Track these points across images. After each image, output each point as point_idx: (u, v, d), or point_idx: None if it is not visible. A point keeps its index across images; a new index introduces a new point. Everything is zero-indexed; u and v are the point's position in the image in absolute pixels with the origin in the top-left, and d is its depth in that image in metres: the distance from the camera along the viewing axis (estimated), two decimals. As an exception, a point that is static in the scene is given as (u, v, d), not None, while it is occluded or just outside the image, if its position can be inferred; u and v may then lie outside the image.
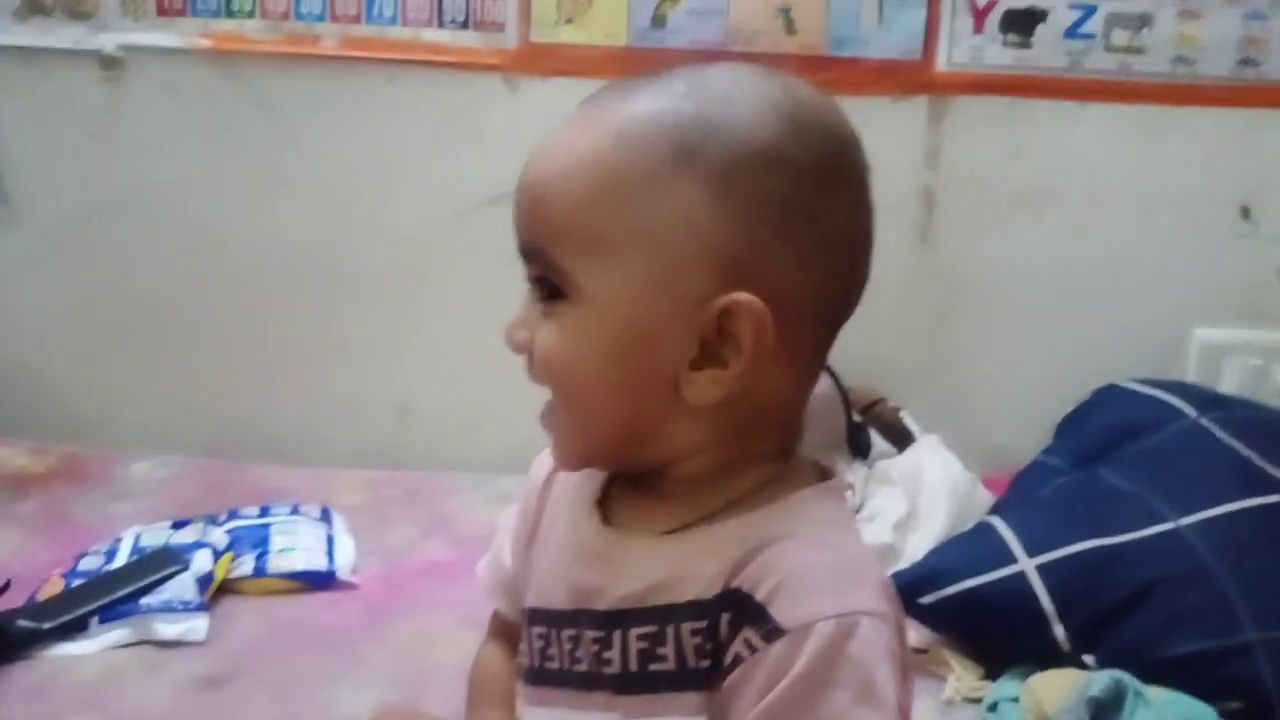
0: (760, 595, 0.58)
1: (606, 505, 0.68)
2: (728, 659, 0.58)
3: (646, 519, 0.65)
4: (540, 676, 0.69)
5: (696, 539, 0.62)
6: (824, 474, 0.66)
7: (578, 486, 0.70)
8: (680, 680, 0.60)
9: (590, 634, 0.64)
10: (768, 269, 0.59)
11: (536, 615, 0.70)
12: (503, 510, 0.82)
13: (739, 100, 0.61)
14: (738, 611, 0.58)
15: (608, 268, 0.59)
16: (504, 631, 0.81)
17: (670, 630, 0.61)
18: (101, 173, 1.74)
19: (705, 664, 0.60)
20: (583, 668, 0.65)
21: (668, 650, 0.61)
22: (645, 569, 0.62)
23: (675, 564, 0.61)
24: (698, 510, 0.63)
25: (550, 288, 0.62)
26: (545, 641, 0.68)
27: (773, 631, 0.56)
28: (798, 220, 0.60)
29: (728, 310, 0.59)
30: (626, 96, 0.61)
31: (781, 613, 0.56)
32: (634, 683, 0.62)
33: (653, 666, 0.61)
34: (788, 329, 0.60)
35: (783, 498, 0.62)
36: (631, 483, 0.68)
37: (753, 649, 0.57)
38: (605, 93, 0.63)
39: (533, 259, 0.62)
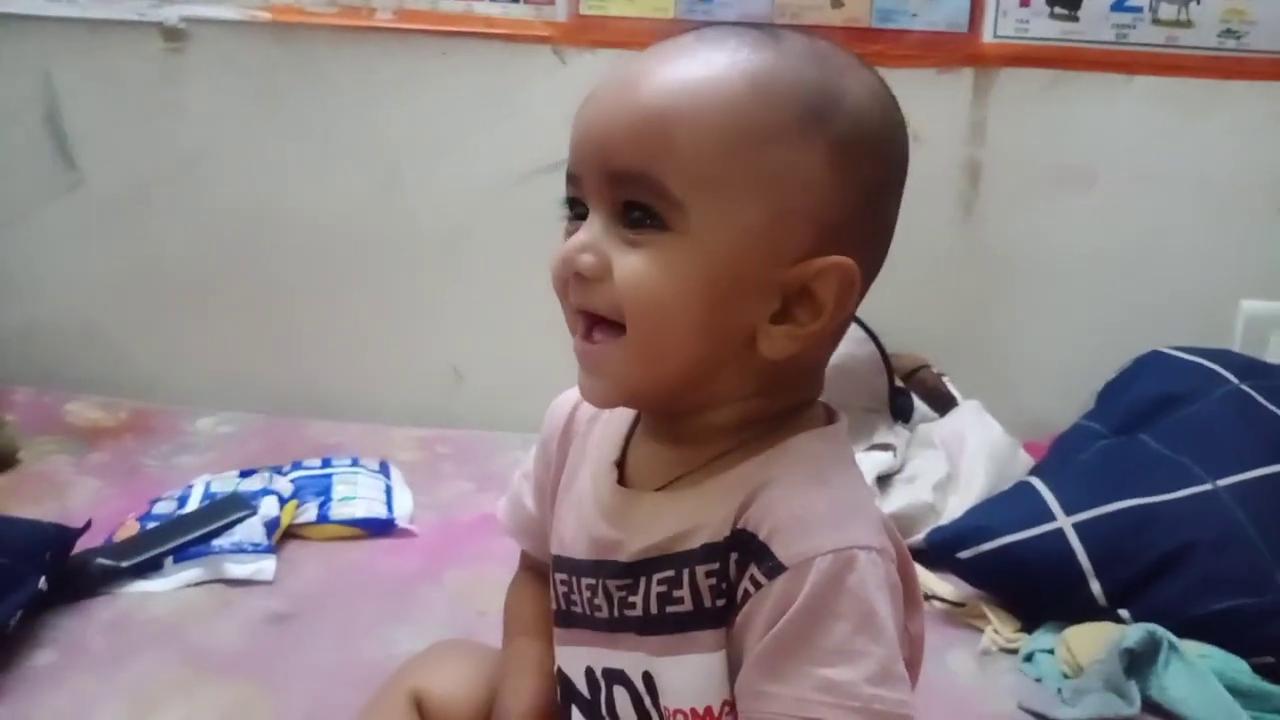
0: (763, 534, 0.60)
1: (623, 464, 0.71)
2: (739, 596, 0.61)
3: (662, 469, 0.68)
4: (568, 619, 0.73)
5: (708, 489, 0.64)
6: (830, 418, 0.69)
7: (599, 445, 0.73)
8: (698, 619, 0.63)
9: (613, 583, 0.67)
10: (854, 239, 0.62)
11: (560, 563, 0.73)
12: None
13: (852, 76, 0.63)
14: (744, 551, 0.61)
15: (721, 209, 0.60)
16: (533, 566, 0.85)
17: (686, 574, 0.63)
18: (164, 141, 1.78)
19: (721, 602, 0.62)
20: (603, 614, 0.68)
21: (684, 593, 0.63)
22: (661, 523, 0.65)
23: (689, 515, 0.64)
24: (709, 454, 0.66)
25: (644, 215, 0.61)
26: (568, 588, 0.72)
27: (775, 568, 0.59)
28: (885, 199, 0.65)
29: (822, 271, 0.61)
30: (754, 46, 0.62)
31: (782, 549, 0.59)
32: (655, 624, 0.65)
33: (670, 609, 0.64)
34: None
35: (784, 441, 0.64)
36: (653, 430, 0.70)
37: (758, 585, 0.60)
38: (721, 35, 0.63)
39: (629, 183, 0.61)
